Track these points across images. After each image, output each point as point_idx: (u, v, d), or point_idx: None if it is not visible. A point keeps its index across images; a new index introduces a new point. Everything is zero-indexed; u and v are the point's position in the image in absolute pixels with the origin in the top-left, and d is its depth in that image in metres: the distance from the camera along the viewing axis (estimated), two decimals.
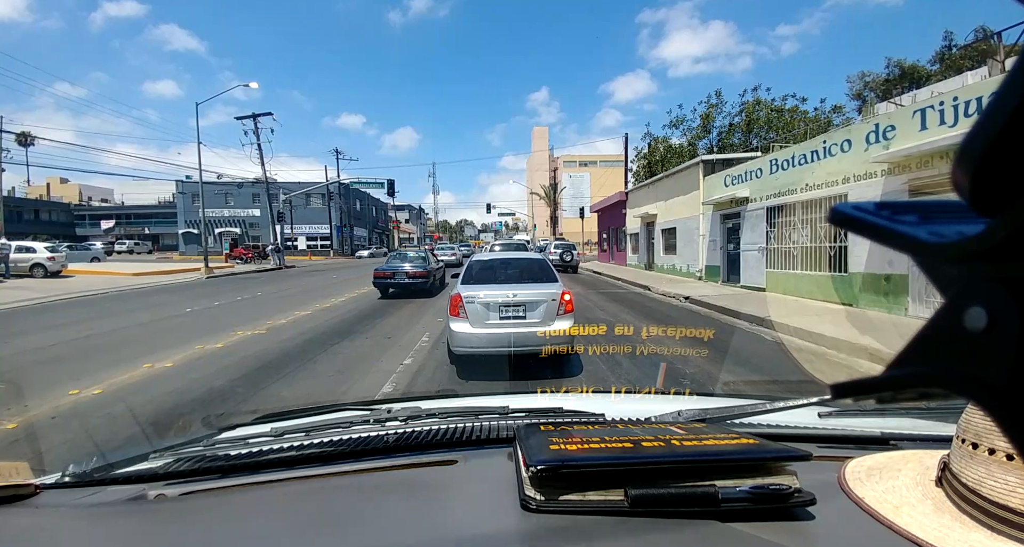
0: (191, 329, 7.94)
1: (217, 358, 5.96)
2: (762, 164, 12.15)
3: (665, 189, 18.50)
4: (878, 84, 28.13)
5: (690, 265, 16.24)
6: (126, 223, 56.03)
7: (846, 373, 4.94)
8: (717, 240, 14.43)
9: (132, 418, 3.95)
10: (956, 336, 0.21)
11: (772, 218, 11.74)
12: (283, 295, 12.84)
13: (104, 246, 43.43)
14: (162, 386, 4.76)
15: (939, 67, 25.42)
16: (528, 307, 4.83)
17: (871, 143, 9.06)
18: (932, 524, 0.63)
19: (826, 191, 9.98)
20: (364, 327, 7.90)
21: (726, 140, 25.89)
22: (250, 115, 27.67)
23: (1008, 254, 0.19)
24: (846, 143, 9.64)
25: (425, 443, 1.01)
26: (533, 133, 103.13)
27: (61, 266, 18.98)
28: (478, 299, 4.84)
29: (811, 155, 10.46)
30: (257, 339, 7.04)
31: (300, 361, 5.73)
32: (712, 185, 14.67)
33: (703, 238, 15.26)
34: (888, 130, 8.82)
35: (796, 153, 10.92)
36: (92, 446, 3.46)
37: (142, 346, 6.64)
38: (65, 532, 0.78)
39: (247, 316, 9.12)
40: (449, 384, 4.72)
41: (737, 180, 13.22)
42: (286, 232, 42.47)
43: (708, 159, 15.60)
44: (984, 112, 0.19)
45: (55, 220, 53.99)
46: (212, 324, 8.34)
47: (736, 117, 26.38)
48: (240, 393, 4.52)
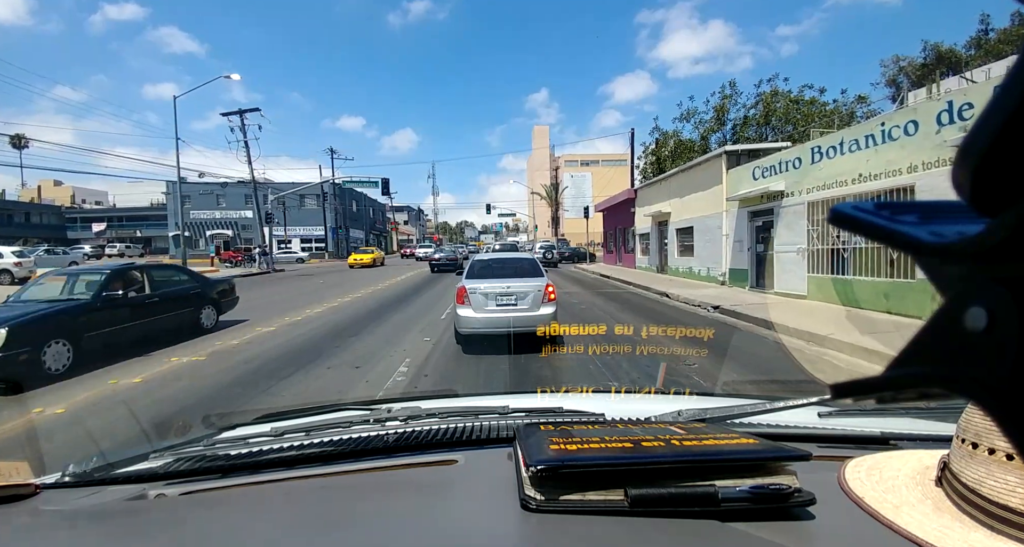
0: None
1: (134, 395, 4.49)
2: (801, 153, 10.59)
3: (680, 185, 16.94)
4: (914, 69, 26.32)
5: (711, 268, 14.67)
6: (118, 226, 54.60)
7: (846, 373, 4.86)
8: (744, 240, 12.86)
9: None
10: (956, 336, 0.21)
11: (814, 215, 10.18)
12: (247, 307, 11.36)
13: (93, 250, 42.35)
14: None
15: (975, 52, 23.79)
16: (519, 296, 5.96)
17: (943, 124, 7.53)
18: (932, 524, 0.62)
19: (886, 182, 8.43)
20: (325, 355, 6.40)
21: (741, 133, 24.19)
22: (236, 111, 26.23)
23: (1008, 254, 0.19)
24: (911, 125, 8.08)
25: (425, 443, 1.01)
26: (533, 132, 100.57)
27: (29, 272, 18.15)
28: (479, 290, 5.91)
29: (865, 141, 8.91)
30: (181, 372, 5.54)
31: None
32: (738, 179, 13.11)
33: (726, 238, 13.69)
34: (965, 108, 7.29)
35: (846, 139, 9.37)
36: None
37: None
38: (65, 532, 0.79)
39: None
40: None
41: (769, 172, 11.65)
42: (278, 234, 41.67)
43: (732, 150, 14.00)
44: (984, 111, 0.19)
45: (46, 223, 53.02)
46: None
47: (752, 109, 24.72)
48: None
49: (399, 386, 4.75)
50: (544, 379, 4.92)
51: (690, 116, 26.41)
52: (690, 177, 16.18)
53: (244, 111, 26.21)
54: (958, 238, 0.21)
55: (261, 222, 26.77)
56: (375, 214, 63.32)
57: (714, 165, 14.34)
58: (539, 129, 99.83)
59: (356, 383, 4.89)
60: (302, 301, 11.79)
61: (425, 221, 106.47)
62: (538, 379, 4.93)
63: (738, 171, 13.18)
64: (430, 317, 8.90)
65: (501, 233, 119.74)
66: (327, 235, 43.73)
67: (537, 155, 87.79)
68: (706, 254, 15.01)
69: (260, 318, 9.03)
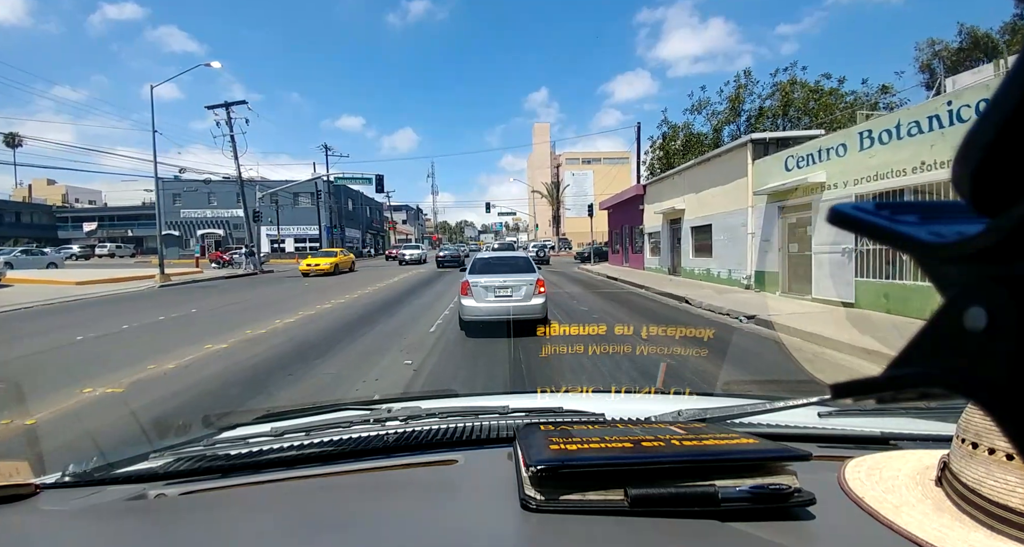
0: (52, 372, 5.17)
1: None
2: (847, 139, 9.22)
3: (696, 179, 15.56)
4: (949, 54, 24.72)
5: (732, 270, 13.32)
6: (109, 225, 53.29)
7: (847, 373, 4.66)
8: (773, 239, 11.50)
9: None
10: (956, 336, 0.21)
11: None
12: (224, 312, 10.03)
13: (82, 250, 41.15)
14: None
15: (1010, 38, 22.31)
16: (514, 289, 6.90)
17: None
18: (932, 524, 0.62)
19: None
20: (278, 385, 5.05)
21: (756, 126, 22.75)
22: (222, 104, 24.84)
23: (1008, 254, 0.19)
24: (984, 104, 6.71)
25: (425, 443, 1.01)
26: (534, 129, 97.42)
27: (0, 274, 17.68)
28: (480, 284, 6.89)
29: (929, 123, 7.56)
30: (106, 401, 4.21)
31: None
32: (766, 170, 11.74)
33: (752, 236, 12.33)
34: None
35: (904, 122, 8.01)
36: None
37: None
38: (65, 532, 0.79)
39: (145, 350, 6.31)
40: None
41: (806, 161, 10.28)
42: (271, 233, 40.47)
43: (759, 138, 12.58)
44: (984, 111, 0.19)
45: (37, 223, 52.08)
46: (82, 366, 5.52)
47: (768, 99, 23.25)
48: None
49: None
50: (544, 379, 4.81)
51: (702, 107, 24.91)
52: (708, 170, 14.80)
53: (231, 104, 24.80)
54: (958, 238, 0.21)
55: (249, 220, 25.37)
56: (372, 213, 61.19)
57: (737, 156, 12.96)
58: (539, 126, 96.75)
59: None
60: (275, 309, 10.48)
61: (424, 220, 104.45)
62: (538, 380, 4.84)
63: (766, 162, 11.80)
64: (418, 328, 7.60)
65: (501, 232, 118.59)
66: (321, 234, 41.84)
67: (538, 152, 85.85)
68: (727, 254, 13.65)
69: (218, 331, 7.71)
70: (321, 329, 7.93)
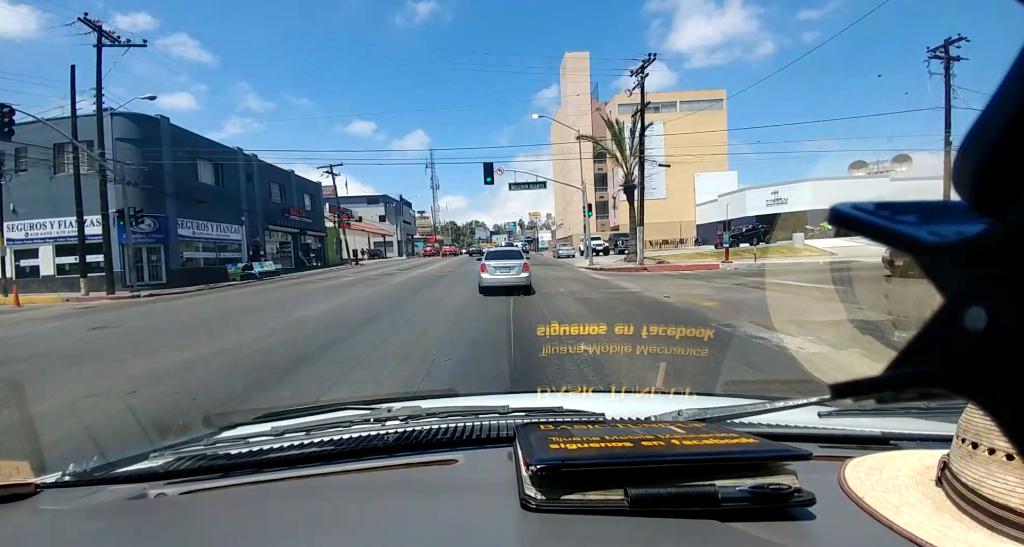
0: None
1: None
2: None
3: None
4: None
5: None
6: None
7: (846, 373, 4.76)
8: None
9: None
10: (956, 336, 0.21)
11: None
12: None
13: None
14: None
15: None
16: (511, 268, 11.75)
17: None
18: (932, 524, 0.62)
19: None
20: None
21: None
22: None
23: (1008, 254, 0.19)
24: None
25: (425, 442, 1.02)
26: (563, 66, 59.85)
27: None
28: (490, 265, 11.86)
29: None
30: None
31: None
32: None
33: None
34: None
35: None
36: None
37: None
38: (65, 532, 0.79)
39: None
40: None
41: None
42: (11, 238, 20.72)
43: None
44: (985, 111, 0.19)
45: None
46: None
47: None
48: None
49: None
50: (544, 380, 4.90)
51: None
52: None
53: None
54: (958, 238, 0.21)
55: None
56: (313, 204, 39.97)
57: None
58: (572, 59, 57.60)
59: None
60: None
61: (413, 216, 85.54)
62: (538, 380, 4.95)
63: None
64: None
65: (515, 232, 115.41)
66: (108, 232, 18.87)
67: (572, 104, 56.39)
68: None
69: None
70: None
